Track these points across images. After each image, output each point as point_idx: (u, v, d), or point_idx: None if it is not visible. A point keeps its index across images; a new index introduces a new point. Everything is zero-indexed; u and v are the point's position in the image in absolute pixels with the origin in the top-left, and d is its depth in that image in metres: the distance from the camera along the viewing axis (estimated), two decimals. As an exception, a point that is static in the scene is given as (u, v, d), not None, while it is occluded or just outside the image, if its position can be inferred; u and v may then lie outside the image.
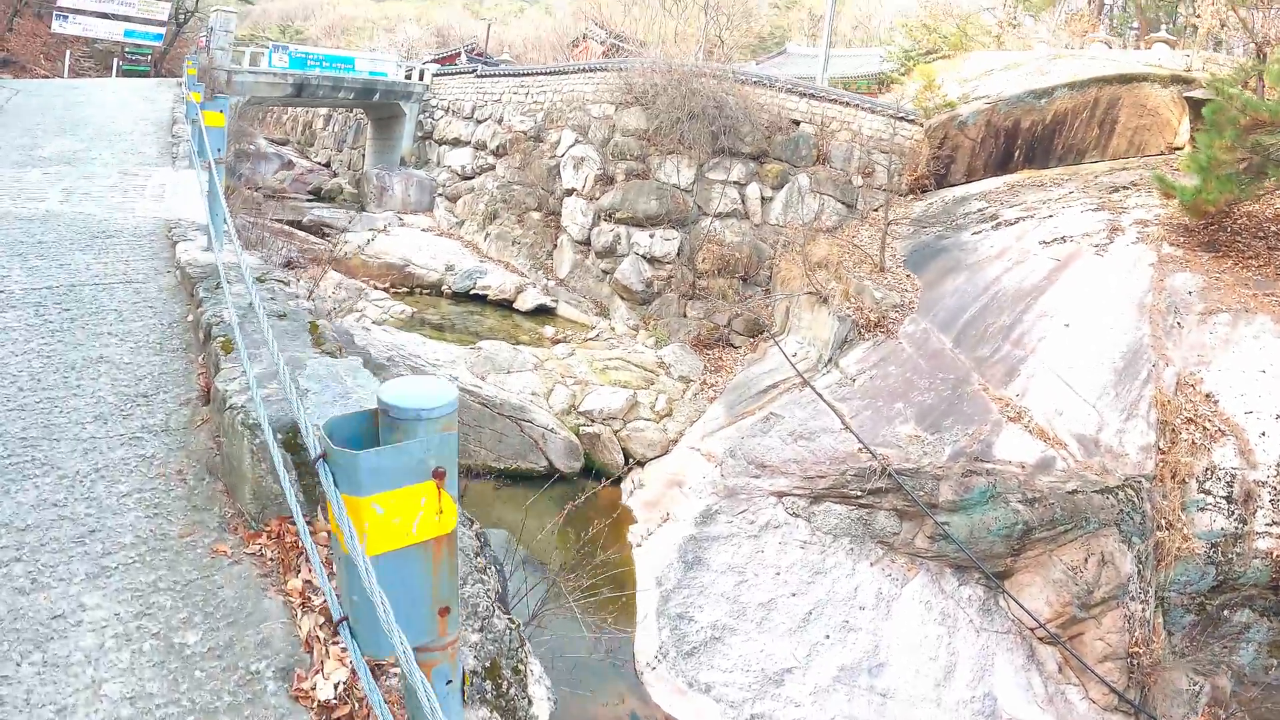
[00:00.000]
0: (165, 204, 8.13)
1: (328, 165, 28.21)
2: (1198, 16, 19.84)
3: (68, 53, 25.46)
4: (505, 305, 17.71)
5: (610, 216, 16.75)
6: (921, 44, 28.47)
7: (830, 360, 13.01)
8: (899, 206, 16.75)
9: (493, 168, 20.99)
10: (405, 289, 17.95)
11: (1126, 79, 16.92)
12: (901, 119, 16.81)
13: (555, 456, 12.16)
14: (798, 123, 16.71)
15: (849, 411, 11.76)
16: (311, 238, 19.81)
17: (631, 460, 12.59)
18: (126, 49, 26.74)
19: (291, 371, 3.00)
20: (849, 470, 10.96)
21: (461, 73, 23.95)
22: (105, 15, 25.80)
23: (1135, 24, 26.43)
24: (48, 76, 23.66)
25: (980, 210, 15.76)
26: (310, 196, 24.83)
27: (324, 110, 30.87)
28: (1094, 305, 12.79)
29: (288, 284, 5.44)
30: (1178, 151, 17.66)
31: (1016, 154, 17.21)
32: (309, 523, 2.37)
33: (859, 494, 10.92)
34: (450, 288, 18.15)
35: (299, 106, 31.01)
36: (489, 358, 13.13)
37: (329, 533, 2.53)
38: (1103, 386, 11.61)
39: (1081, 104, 16.86)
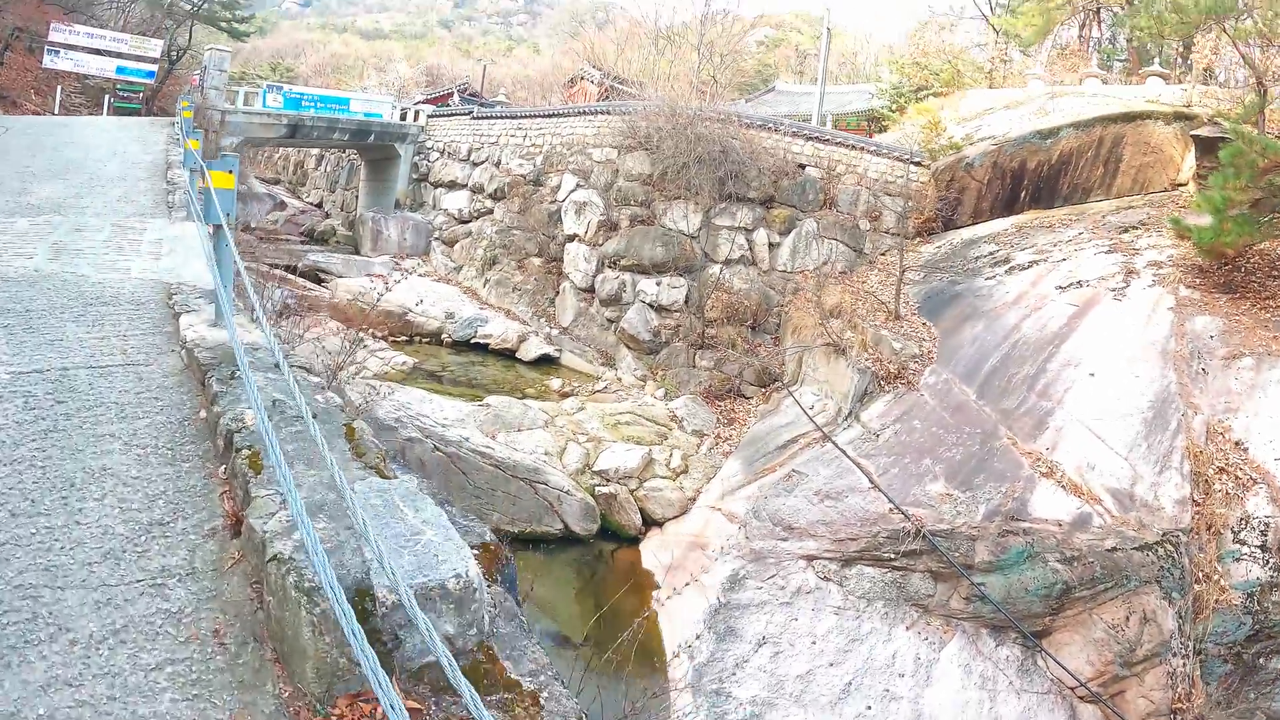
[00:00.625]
0: (163, 263, 7.53)
1: (320, 206, 27.83)
2: (1192, 51, 19.94)
3: (59, 88, 25.15)
4: (507, 354, 17.23)
5: (615, 264, 16.39)
6: (912, 80, 28.67)
7: (850, 414, 12.61)
8: (909, 251, 16.50)
9: (491, 212, 20.67)
10: (404, 337, 17.43)
11: (1130, 117, 16.95)
12: (907, 161, 16.64)
13: (571, 519, 11.62)
14: (803, 166, 16.55)
15: (876, 469, 11.33)
16: (307, 283, 19.26)
17: (649, 521, 12.02)
18: (118, 86, 26.34)
19: (351, 508, 2.48)
20: (881, 532, 10.52)
21: (457, 114, 23.76)
22: (97, 51, 25.43)
23: (1125, 57, 26.70)
24: (38, 112, 23.28)
25: (991, 254, 15.56)
26: (303, 238, 24.40)
27: (316, 150, 30.55)
28: (1117, 352, 12.57)
29: (309, 370, 4.90)
30: (1180, 188, 17.66)
31: (1023, 194, 17.12)
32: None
33: (892, 556, 10.46)
34: (450, 336, 17.68)
35: (293, 147, 30.68)
36: (498, 415, 12.62)
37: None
38: (1133, 438, 11.35)
39: (1086, 143, 16.82)
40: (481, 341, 17.58)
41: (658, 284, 15.90)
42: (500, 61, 43.12)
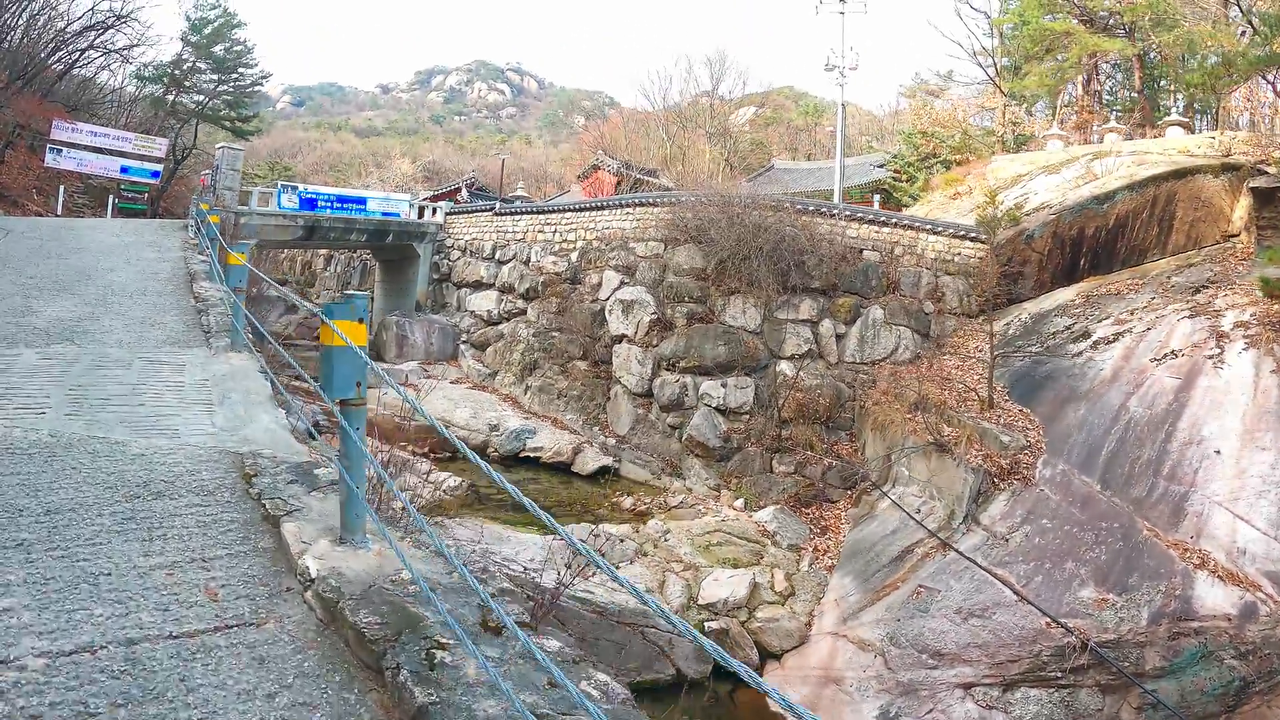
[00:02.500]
0: (220, 418, 6.07)
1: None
2: (1220, 100, 20.67)
3: (61, 188, 24.99)
4: (561, 468, 16.65)
5: (673, 365, 16.10)
6: (919, 150, 29.37)
7: (967, 516, 12.23)
8: (977, 332, 16.47)
9: (524, 312, 20.41)
10: (447, 454, 16.80)
11: (1181, 173, 17.37)
12: (964, 237, 16.77)
13: (683, 661, 10.95)
14: (860, 251, 16.52)
15: (1016, 578, 10.91)
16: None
17: (766, 654, 11.39)
18: (123, 186, 26.30)
19: None
20: (1043, 650, 10.04)
21: (477, 210, 23.73)
22: (101, 150, 25.46)
23: (1119, 109, 27.64)
24: (40, 213, 22.96)
25: (1068, 328, 15.54)
26: (317, 343, 23.81)
27: (324, 249, 30.34)
28: (1234, 425, 12.46)
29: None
30: (1233, 239, 17.96)
31: (1082, 262, 17.30)
32: None
33: (1058, 675, 10.00)
34: (497, 451, 17.11)
35: (309, 249, 30.41)
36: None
37: None
38: (1277, 514, 11.11)
39: (1141, 204, 17.14)
40: (531, 455, 17.03)
41: (723, 386, 15.59)
42: (493, 154, 43.94)
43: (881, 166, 32.41)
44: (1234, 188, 17.85)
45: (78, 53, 29.53)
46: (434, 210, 24.38)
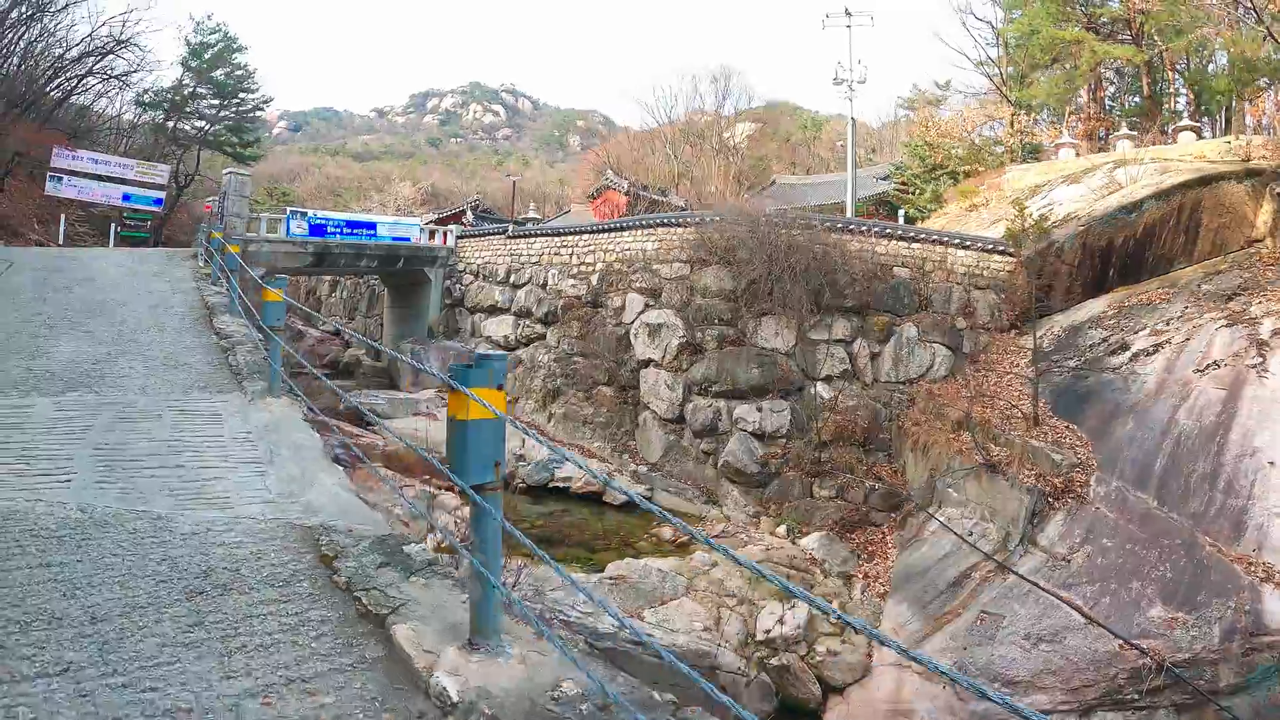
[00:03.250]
0: (275, 480, 5.34)
1: (338, 335, 26.98)
2: (1233, 106, 21.00)
3: (62, 217, 24.72)
4: (592, 498, 16.52)
5: (705, 390, 16.10)
6: (925, 161, 29.62)
7: (1024, 538, 12.26)
8: (1010, 346, 16.58)
9: (543, 337, 20.33)
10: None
11: (1206, 180, 17.58)
12: (993, 250, 16.90)
13: (748, 701, 10.83)
14: (890, 267, 16.61)
15: (1083, 600, 10.95)
16: (353, 428, 18.44)
17: (828, 688, 11.33)
18: (125, 215, 26.11)
19: None
20: (1118, 673, 10.06)
21: (490, 234, 23.67)
22: (102, 178, 25.29)
23: (1144, 114, 27.97)
24: (42, 243, 22.71)
25: (1104, 340, 15.67)
26: (326, 370, 23.47)
27: (333, 275, 30.23)
28: (1284, 433, 12.49)
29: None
30: (1257, 244, 18.19)
31: (1110, 272, 17.46)
32: None
33: (1135, 697, 10.03)
34: (524, 481, 16.91)
35: (319, 275, 30.24)
36: (634, 587, 11.92)
37: None
38: (1337, 524, 11.20)
39: (1168, 212, 17.36)
40: (560, 485, 16.90)
41: (758, 410, 15.58)
42: (493, 176, 44.19)
43: (885, 179, 32.68)
44: (1257, 193, 18.11)
45: (76, 79, 29.50)
46: (444, 234, 24.33)
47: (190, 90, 32.74)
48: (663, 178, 30.10)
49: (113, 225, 25.41)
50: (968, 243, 17.11)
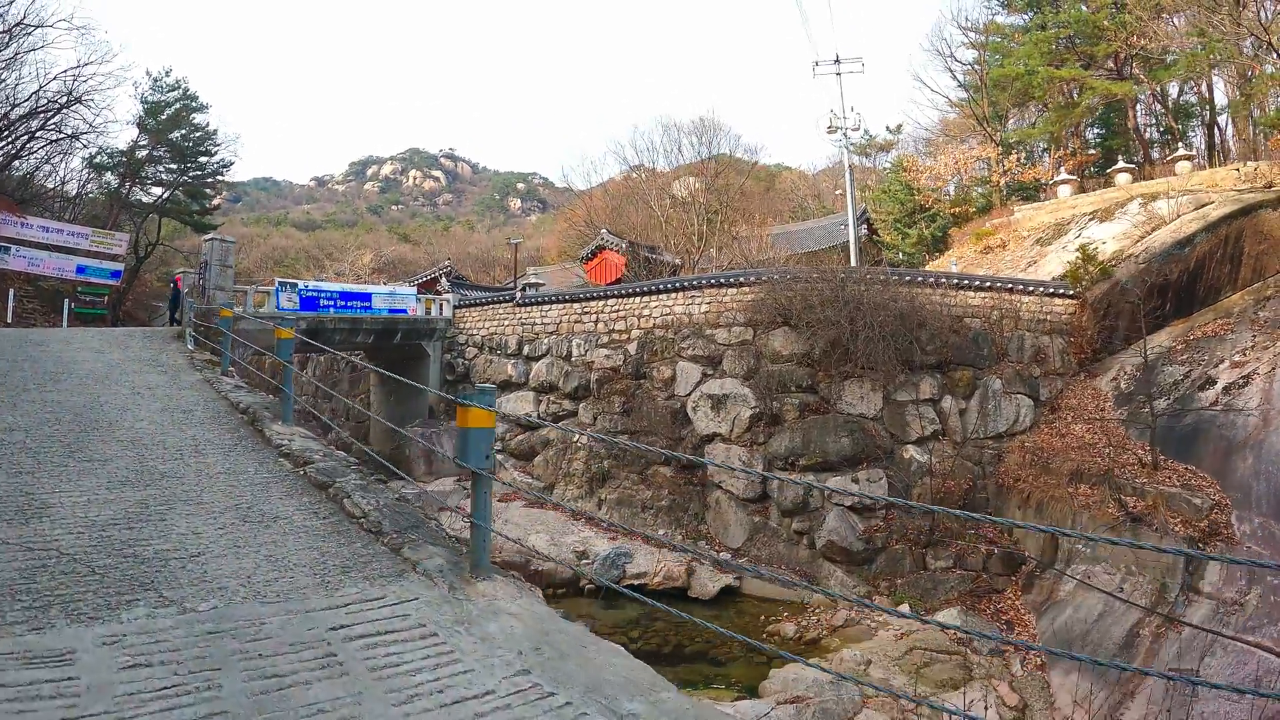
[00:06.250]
0: None
1: (315, 417, 25.52)
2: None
3: (11, 292, 22.64)
4: (673, 594, 16.04)
5: (792, 464, 15.95)
6: (905, 205, 30.98)
7: (1184, 587, 12.52)
8: (1084, 390, 17.25)
9: (574, 413, 19.70)
10: (546, 588, 15.89)
11: (1247, 209, 18.92)
12: (1055, 294, 17.66)
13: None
14: (962, 318, 17.09)
15: (1272, 642, 11.19)
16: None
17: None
18: (79, 289, 24.22)
19: None
20: (1347, 728, 10.24)
21: (494, 302, 22.92)
22: (54, 248, 23.54)
23: (1126, 146, 30.09)
24: None
25: (1186, 376, 16.44)
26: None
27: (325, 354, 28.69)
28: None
29: None
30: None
31: (1167, 307, 18.44)
32: None
33: (1366, 752, 10.17)
34: (591, 582, 16.22)
35: (310, 353, 28.67)
36: (819, 709, 11.51)
37: None
38: None
39: (1215, 244, 18.54)
40: (633, 584, 16.33)
41: (854, 481, 15.56)
42: (439, 240, 43.75)
43: (865, 221, 33.93)
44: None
45: (24, 139, 27.58)
46: (441, 304, 23.69)
47: (147, 153, 31.16)
48: (639, 233, 30.45)
49: (66, 301, 23.32)
50: (1031, 288, 17.81)
